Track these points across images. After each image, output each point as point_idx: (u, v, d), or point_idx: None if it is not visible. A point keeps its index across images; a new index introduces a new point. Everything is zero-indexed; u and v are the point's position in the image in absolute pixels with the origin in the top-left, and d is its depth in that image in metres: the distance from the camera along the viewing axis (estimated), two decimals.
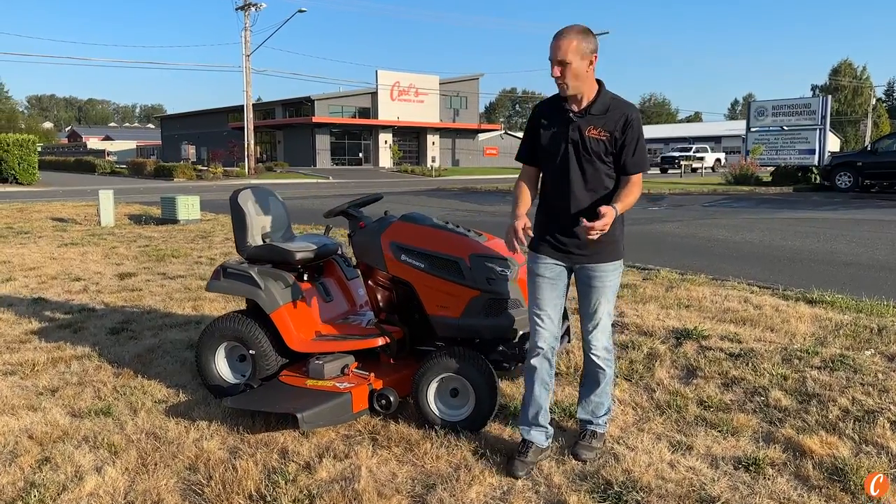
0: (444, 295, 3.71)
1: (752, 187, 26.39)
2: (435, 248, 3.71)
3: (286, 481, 3.14)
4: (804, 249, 10.12)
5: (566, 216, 3.14)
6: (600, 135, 3.07)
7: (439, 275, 3.69)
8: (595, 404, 3.43)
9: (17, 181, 30.63)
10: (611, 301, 3.28)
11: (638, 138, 3.09)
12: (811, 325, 5.46)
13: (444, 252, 3.69)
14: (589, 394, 3.43)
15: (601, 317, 3.27)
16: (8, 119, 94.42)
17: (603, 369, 3.35)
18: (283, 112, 60.08)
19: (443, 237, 3.77)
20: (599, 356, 3.33)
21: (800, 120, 27.10)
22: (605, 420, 3.48)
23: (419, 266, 3.73)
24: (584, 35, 2.98)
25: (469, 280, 3.63)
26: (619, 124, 3.06)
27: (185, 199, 14.47)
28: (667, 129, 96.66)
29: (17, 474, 3.24)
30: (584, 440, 3.41)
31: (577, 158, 3.11)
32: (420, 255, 3.73)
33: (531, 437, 3.33)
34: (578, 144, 3.09)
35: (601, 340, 3.31)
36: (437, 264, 3.70)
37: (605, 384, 3.40)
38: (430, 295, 3.75)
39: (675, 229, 13.02)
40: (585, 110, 3.09)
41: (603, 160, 3.10)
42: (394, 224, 3.88)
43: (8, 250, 10.31)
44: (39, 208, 17.11)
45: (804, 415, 3.79)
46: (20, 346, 5.28)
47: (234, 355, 4.27)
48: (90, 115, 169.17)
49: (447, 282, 3.68)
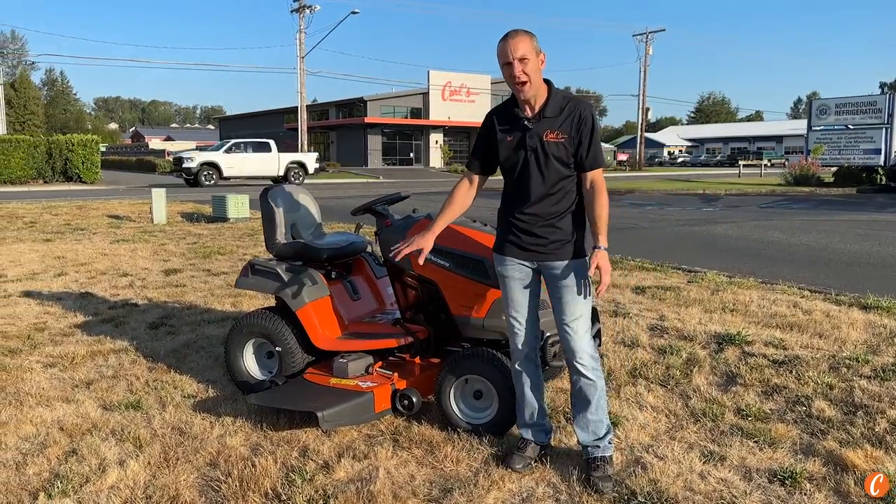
0: (468, 295, 3.64)
1: (813, 188, 25.50)
2: (460, 247, 3.64)
3: (303, 480, 3.11)
4: (863, 253, 9.68)
5: (527, 219, 3.11)
6: (559, 137, 3.01)
7: (464, 274, 3.62)
8: (594, 423, 3.15)
9: (80, 179, 31.75)
10: (581, 303, 3.07)
11: (592, 134, 3.00)
12: (864, 331, 5.19)
13: (468, 251, 3.61)
14: (583, 411, 3.16)
15: (577, 318, 3.07)
16: (76, 120, 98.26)
17: (591, 380, 3.10)
18: (337, 113, 60.82)
19: (468, 235, 3.69)
20: (583, 364, 3.09)
21: (865, 118, 26.07)
22: (609, 441, 3.19)
23: (444, 265, 3.67)
24: (531, 35, 2.99)
25: (494, 280, 3.53)
26: (575, 123, 3.00)
27: (236, 197, 14.73)
28: (726, 129, 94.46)
29: (43, 465, 3.30)
30: (598, 471, 3.10)
31: (538, 165, 3.05)
32: (445, 254, 3.66)
33: (530, 437, 3.31)
34: (538, 151, 3.04)
35: (583, 346, 3.08)
36: (461, 263, 3.63)
37: (599, 398, 3.13)
38: (454, 294, 3.68)
39: (728, 231, 12.64)
40: (540, 114, 3.03)
41: (564, 162, 3.03)
42: (420, 221, 3.82)
43: (63, 246, 10.65)
44: (97, 206, 17.68)
45: (849, 427, 3.59)
46: (63, 339, 5.41)
47: (262, 352, 4.28)
48: (153, 116, 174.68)
49: (472, 281, 3.60)
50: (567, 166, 3.05)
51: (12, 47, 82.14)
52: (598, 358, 3.17)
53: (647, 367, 4.51)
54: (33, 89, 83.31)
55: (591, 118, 3.01)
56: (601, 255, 2.95)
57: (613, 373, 4.42)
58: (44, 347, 5.18)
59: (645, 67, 53.94)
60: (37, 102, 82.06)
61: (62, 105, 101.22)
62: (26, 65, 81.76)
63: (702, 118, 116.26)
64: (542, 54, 2.99)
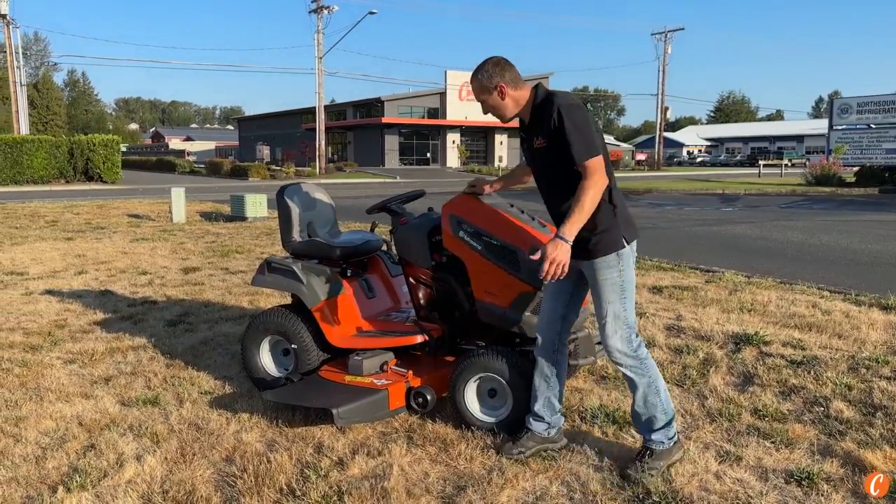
0: (495, 282, 3.53)
1: (834, 188, 25.19)
2: (496, 233, 3.50)
3: (318, 476, 3.13)
4: (885, 253, 9.56)
5: (554, 219, 3.21)
6: (542, 143, 3.06)
7: (495, 261, 3.50)
8: (642, 416, 3.18)
9: (101, 179, 32.14)
10: (612, 301, 3.08)
11: (563, 130, 2.92)
12: (884, 332, 5.12)
13: (504, 239, 3.47)
14: (633, 404, 3.21)
15: (605, 316, 3.10)
16: (97, 121, 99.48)
17: (630, 377, 3.14)
18: (354, 113, 61.07)
19: (506, 222, 3.53)
20: (618, 361, 3.14)
21: (888, 117, 25.76)
22: (664, 438, 3.17)
23: (476, 247, 3.54)
24: (478, 73, 3.10)
25: (525, 274, 3.44)
26: (546, 125, 3.00)
27: (253, 197, 14.85)
28: (746, 128, 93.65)
29: (62, 459, 3.35)
30: (639, 458, 3.13)
31: (541, 169, 3.17)
32: (479, 236, 3.52)
33: (529, 424, 3.35)
34: (536, 158, 3.16)
35: (612, 344, 3.11)
36: (495, 250, 3.50)
37: (644, 394, 3.15)
38: (481, 278, 3.57)
39: (747, 231, 12.53)
40: (528, 125, 3.15)
41: (558, 162, 3.03)
42: (460, 197, 3.67)
43: (84, 245, 10.79)
44: (117, 205, 17.89)
45: (868, 428, 3.54)
46: (83, 336, 5.48)
47: (278, 349, 4.30)
48: (173, 116, 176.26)
49: (502, 270, 3.48)
50: (560, 167, 3.02)
51: (35, 49, 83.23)
52: (634, 356, 3.13)
53: (663, 367, 4.48)
54: (56, 90, 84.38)
55: (558, 115, 2.93)
56: (553, 242, 2.88)
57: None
58: (64, 344, 5.26)
59: (664, 66, 53.62)
60: (59, 103, 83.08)
61: (84, 106, 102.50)
62: (49, 66, 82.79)
63: (721, 118, 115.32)
64: (497, 86, 3.06)
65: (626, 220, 3.10)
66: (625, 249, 3.07)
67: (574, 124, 2.92)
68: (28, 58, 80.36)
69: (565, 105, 2.96)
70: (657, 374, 3.19)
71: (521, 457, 3.26)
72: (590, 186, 2.91)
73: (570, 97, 3.04)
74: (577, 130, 2.92)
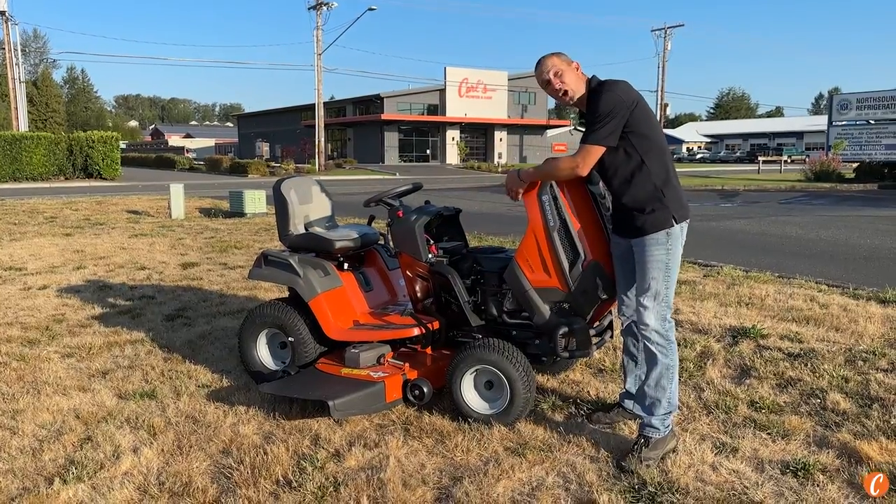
0: (541, 261, 3.39)
1: (834, 184, 25.19)
2: (576, 224, 3.33)
3: (314, 468, 3.13)
4: (883, 248, 9.56)
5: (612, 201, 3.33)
6: None
7: (555, 245, 3.33)
8: (648, 398, 3.19)
9: (100, 176, 32.11)
10: (656, 277, 3.10)
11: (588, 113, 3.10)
12: (881, 325, 5.12)
13: (579, 234, 3.34)
14: (644, 380, 3.25)
15: (645, 292, 3.15)
16: (97, 118, 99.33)
17: (653, 353, 3.17)
18: (354, 110, 61.00)
19: (590, 219, 3.41)
20: (648, 337, 3.16)
21: (887, 113, 25.75)
22: (662, 423, 3.18)
23: (549, 220, 3.31)
24: (559, 53, 3.26)
25: (572, 276, 3.35)
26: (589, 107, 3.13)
27: (252, 193, 14.85)
28: (746, 125, 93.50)
29: (59, 451, 3.35)
30: (636, 448, 3.14)
31: None
32: (559, 213, 3.32)
33: (621, 402, 3.62)
34: None
35: (647, 319, 3.14)
36: (563, 236, 3.34)
37: (660, 375, 3.16)
38: (531, 247, 3.40)
39: (746, 226, 12.53)
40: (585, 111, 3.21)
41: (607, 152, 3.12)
42: None
43: (82, 240, 10.78)
44: (116, 201, 17.87)
45: (864, 419, 3.54)
46: (81, 331, 5.48)
47: (275, 342, 4.31)
48: (172, 113, 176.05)
49: (555, 258, 3.35)
50: (613, 150, 3.09)
51: (34, 45, 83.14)
52: (665, 336, 3.17)
53: None
54: (55, 87, 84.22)
55: (590, 99, 3.11)
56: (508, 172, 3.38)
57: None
58: (62, 338, 5.25)
59: (663, 63, 53.53)
60: (58, 100, 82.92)
61: (83, 103, 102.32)
62: (48, 63, 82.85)
63: (721, 114, 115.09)
64: (574, 63, 3.22)
65: (676, 200, 3.13)
66: (674, 228, 3.10)
67: (600, 105, 3.04)
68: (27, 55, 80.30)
69: (601, 89, 3.07)
70: (677, 362, 3.24)
71: (607, 427, 3.53)
72: (563, 160, 3.17)
73: (613, 84, 3.08)
74: (601, 108, 3.03)
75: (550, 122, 65.93)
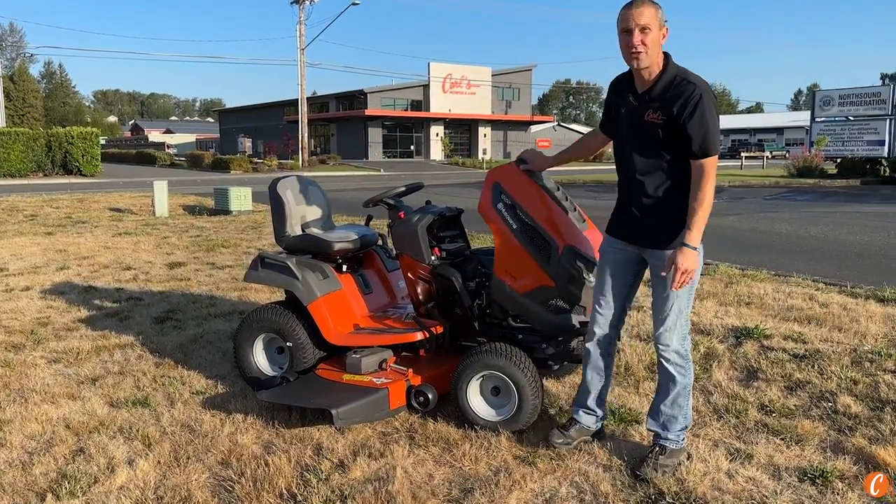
0: (519, 266, 3.39)
1: (817, 180, 25.39)
2: (536, 217, 3.33)
3: (318, 480, 3.02)
4: (873, 244, 9.58)
5: (626, 200, 3.06)
6: (659, 118, 2.84)
7: (526, 246, 3.34)
8: (666, 416, 3.09)
9: (80, 172, 31.62)
10: (681, 295, 2.94)
11: (694, 118, 2.75)
12: (883, 325, 5.09)
13: (543, 227, 3.31)
14: (660, 402, 3.11)
15: (667, 312, 2.97)
16: (75, 113, 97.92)
17: (673, 375, 3.03)
18: (337, 105, 60.56)
19: (549, 210, 3.36)
20: (667, 359, 3.02)
21: (868, 109, 25.98)
22: (678, 437, 3.10)
23: (511, 224, 3.37)
24: (658, 6, 2.83)
25: (552, 269, 3.31)
26: (678, 105, 2.78)
27: (238, 190, 14.61)
28: (727, 121, 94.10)
29: (50, 465, 3.20)
30: (651, 456, 3.06)
31: (636, 143, 2.95)
32: (517, 214, 3.35)
33: (578, 417, 3.31)
34: (637, 129, 2.93)
35: (668, 340, 3.00)
36: (530, 234, 3.33)
37: (677, 395, 3.05)
38: (505, 257, 3.43)
39: (735, 223, 12.54)
40: (648, 91, 2.89)
41: (661, 145, 2.86)
42: (510, 166, 3.51)
43: (65, 239, 10.54)
44: (98, 199, 17.56)
45: (877, 423, 3.49)
46: (67, 335, 5.31)
47: (272, 347, 4.18)
48: (152, 109, 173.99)
49: (530, 257, 3.34)
50: (667, 150, 2.86)
51: (11, 40, 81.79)
52: (686, 357, 3.05)
53: None
54: (32, 82, 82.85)
55: (696, 101, 2.75)
56: (680, 252, 2.78)
57: (631, 368, 4.33)
58: (48, 343, 5.09)
59: None
60: (35, 95, 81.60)
61: (61, 98, 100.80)
62: (25, 57, 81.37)
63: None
64: (665, 28, 2.84)
65: None
66: (700, 244, 2.87)
67: (712, 115, 2.78)
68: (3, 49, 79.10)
69: (708, 92, 2.80)
70: (692, 379, 3.12)
71: (565, 447, 3.23)
72: (711, 186, 2.81)
73: (705, 83, 2.84)
74: (712, 121, 2.78)
75: (534, 117, 65.97)
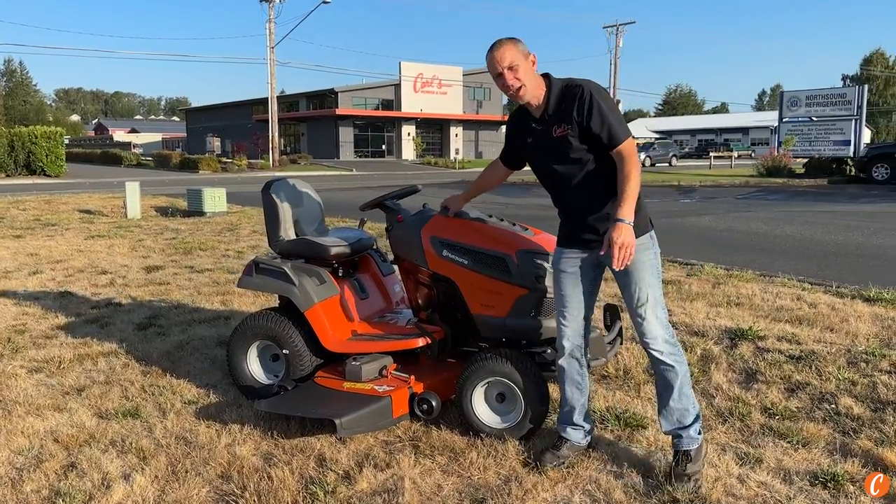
0: (489, 293, 3.48)
1: (785, 179, 25.79)
2: (480, 244, 3.47)
3: (325, 493, 2.93)
4: (849, 244, 9.73)
5: (572, 210, 3.09)
6: (565, 130, 2.93)
7: (485, 272, 3.46)
8: (678, 412, 3.03)
9: (45, 173, 30.89)
10: (652, 283, 2.97)
11: (593, 111, 2.84)
12: (872, 325, 5.14)
13: (489, 248, 3.45)
14: (666, 401, 3.06)
15: (644, 303, 2.97)
16: (36, 112, 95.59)
17: (670, 366, 3.00)
18: (307, 104, 60.03)
19: (488, 232, 3.52)
20: (660, 350, 2.99)
21: (835, 110, 26.45)
22: (696, 431, 3.05)
23: (463, 263, 3.51)
24: (516, 41, 2.95)
25: (517, 278, 3.40)
26: (575, 108, 2.88)
27: (212, 191, 14.36)
28: (693, 121, 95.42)
29: (42, 481, 3.07)
30: (679, 466, 2.98)
31: (556, 161, 3.03)
32: (464, 251, 3.50)
33: (566, 435, 3.24)
34: (551, 149, 3.03)
35: (654, 333, 2.98)
36: (482, 261, 3.46)
37: (681, 385, 3.01)
38: (474, 293, 3.52)
39: (712, 223, 12.65)
40: (544, 113, 2.99)
41: (579, 151, 2.94)
42: (434, 217, 3.64)
43: (35, 242, 10.24)
44: (66, 200, 17.13)
45: (880, 424, 3.50)
46: (46, 342, 5.13)
47: (267, 355, 4.07)
48: (116, 108, 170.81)
49: (493, 279, 3.45)
50: (585, 153, 2.94)
51: None
52: (675, 343, 3.04)
53: None
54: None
55: (590, 97, 2.85)
56: (614, 227, 2.79)
57: (630, 371, 4.30)
58: (26, 351, 4.91)
59: (615, 59, 54.16)
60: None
61: (21, 96, 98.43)
62: None
63: (669, 110, 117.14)
64: (531, 56, 2.96)
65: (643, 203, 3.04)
66: (652, 230, 3.04)
67: (608, 106, 2.87)
68: None
69: (595, 87, 2.90)
70: (687, 363, 3.10)
71: (559, 468, 3.10)
72: (634, 166, 2.87)
73: (592, 81, 2.95)
74: (611, 112, 2.86)
75: (505, 117, 65.86)
